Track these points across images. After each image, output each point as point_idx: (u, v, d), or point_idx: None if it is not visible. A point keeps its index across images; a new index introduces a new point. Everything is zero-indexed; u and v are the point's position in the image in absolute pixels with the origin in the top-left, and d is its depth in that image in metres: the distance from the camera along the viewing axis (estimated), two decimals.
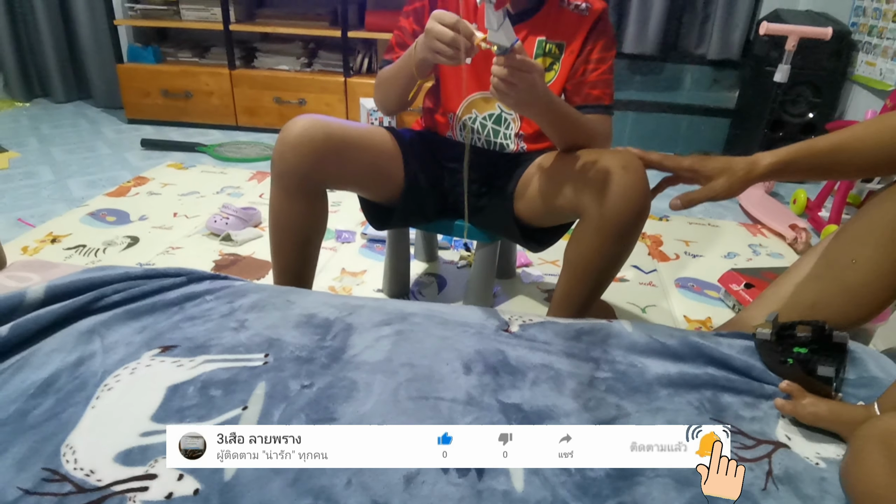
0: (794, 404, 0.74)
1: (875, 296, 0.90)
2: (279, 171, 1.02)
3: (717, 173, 0.90)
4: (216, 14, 2.57)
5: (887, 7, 2.20)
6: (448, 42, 0.83)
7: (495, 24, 0.77)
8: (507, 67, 0.81)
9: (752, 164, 0.89)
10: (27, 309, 0.78)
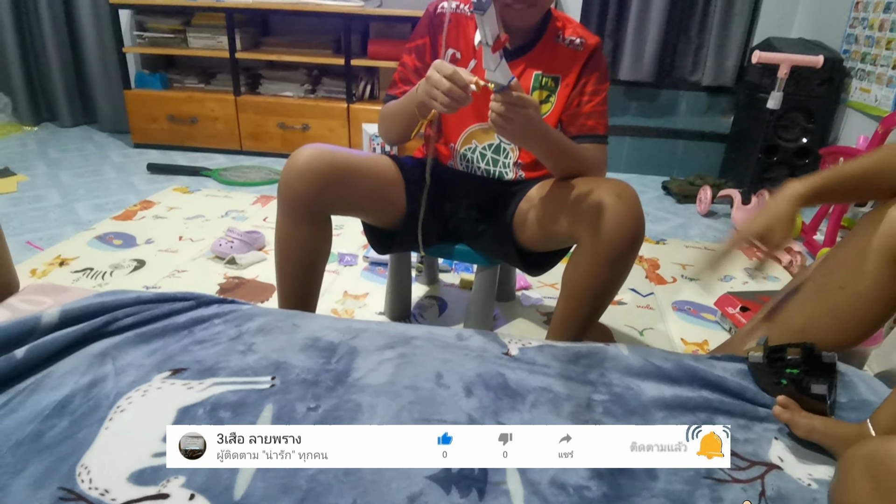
0: (791, 413, 0.77)
1: (863, 321, 0.93)
2: (285, 198, 1.05)
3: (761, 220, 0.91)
4: (223, 42, 2.63)
5: (880, 35, 2.25)
6: (444, 91, 0.87)
7: (492, 65, 0.81)
8: (503, 103, 0.85)
9: (785, 194, 0.91)
10: (42, 332, 0.80)
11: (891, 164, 0.90)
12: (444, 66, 0.88)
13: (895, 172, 0.89)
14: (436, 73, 0.88)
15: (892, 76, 2.17)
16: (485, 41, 0.79)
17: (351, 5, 2.57)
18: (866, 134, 2.17)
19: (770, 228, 0.89)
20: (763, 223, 0.90)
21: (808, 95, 2.40)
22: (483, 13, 0.76)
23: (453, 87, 0.86)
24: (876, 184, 0.91)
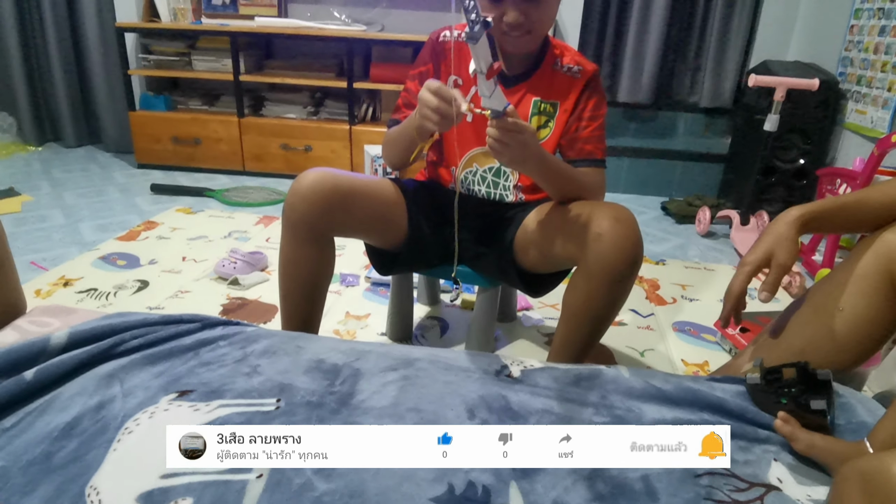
0: (792, 428, 0.78)
1: (861, 343, 0.94)
2: (290, 221, 1.07)
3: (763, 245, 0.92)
4: (227, 65, 2.68)
5: (875, 58, 2.29)
6: (433, 109, 0.89)
7: (487, 92, 0.84)
8: (499, 129, 0.87)
9: (784, 217, 0.92)
10: (51, 354, 0.81)
11: (883, 195, 0.92)
12: (431, 83, 0.91)
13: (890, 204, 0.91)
14: (425, 91, 0.91)
15: (887, 98, 2.21)
16: (479, 69, 0.82)
17: (353, 30, 2.62)
18: (863, 155, 2.20)
19: (773, 252, 0.90)
20: (765, 248, 0.91)
21: (805, 117, 2.43)
22: (476, 42, 0.79)
23: (440, 102, 0.89)
24: (871, 213, 0.93)
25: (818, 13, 2.69)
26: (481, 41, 0.78)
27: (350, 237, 1.17)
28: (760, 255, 0.91)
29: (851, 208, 0.94)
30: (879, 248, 0.91)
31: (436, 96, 0.89)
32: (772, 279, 0.90)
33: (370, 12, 2.83)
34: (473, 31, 0.77)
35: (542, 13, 1.01)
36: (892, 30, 2.19)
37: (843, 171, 2.02)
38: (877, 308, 0.91)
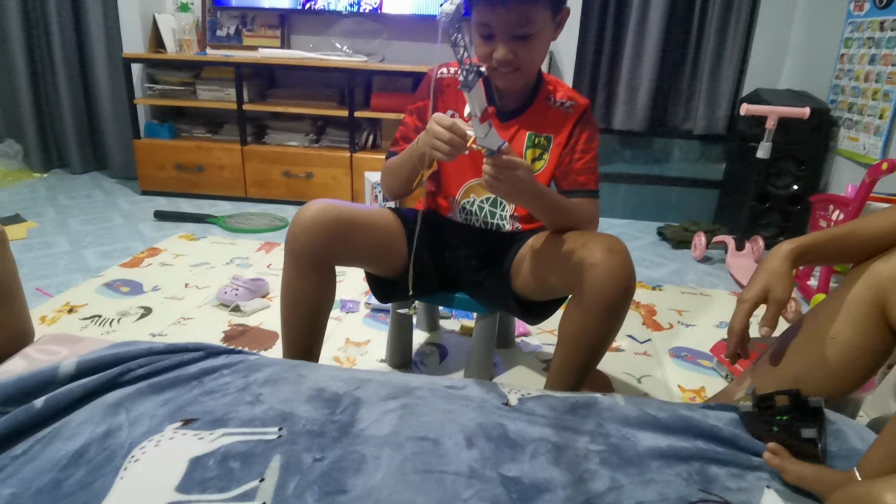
0: (781, 459, 0.80)
1: (854, 370, 0.96)
2: (292, 250, 1.10)
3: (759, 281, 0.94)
4: (230, 94, 2.73)
5: (865, 86, 2.35)
6: (445, 141, 0.94)
7: (482, 134, 0.89)
8: (494, 167, 0.92)
9: (776, 252, 0.95)
10: (60, 383, 0.83)
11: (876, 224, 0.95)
12: (444, 119, 0.95)
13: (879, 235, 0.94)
14: (436, 125, 0.95)
15: (879, 125, 2.25)
16: (474, 113, 0.87)
17: (355, 61, 2.69)
18: (856, 181, 2.24)
19: (769, 287, 0.92)
20: (761, 284, 0.93)
21: (798, 144, 2.47)
22: (469, 90, 0.84)
23: (453, 136, 0.94)
24: (861, 244, 0.95)
25: (809, 42, 2.76)
26: (475, 88, 0.83)
27: (351, 266, 1.20)
28: (757, 291, 0.93)
29: (841, 240, 0.97)
30: (870, 277, 0.93)
31: (449, 131, 0.93)
32: (770, 314, 0.92)
33: (371, 44, 2.90)
34: (468, 80, 0.82)
35: (531, 51, 1.04)
36: (882, 58, 2.24)
37: (835, 197, 2.06)
38: (868, 336, 0.94)
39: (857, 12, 2.41)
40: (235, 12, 2.93)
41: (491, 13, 0.99)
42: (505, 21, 0.99)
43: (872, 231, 0.95)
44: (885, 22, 2.23)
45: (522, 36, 1.01)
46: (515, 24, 1.00)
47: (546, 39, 1.07)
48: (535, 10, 1.00)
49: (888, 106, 2.20)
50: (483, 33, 1.03)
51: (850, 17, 2.44)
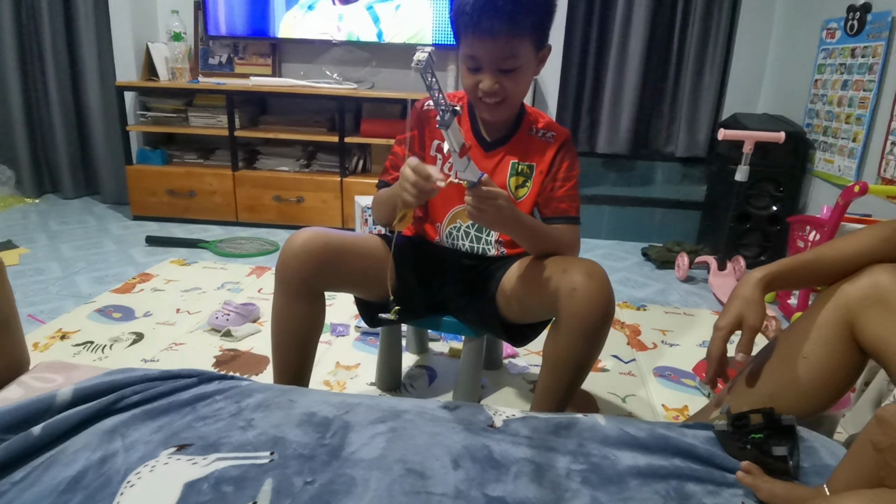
0: (753, 478, 0.83)
1: (826, 389, 1.00)
2: (282, 277, 1.14)
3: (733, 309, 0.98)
4: (222, 121, 2.78)
5: (839, 110, 2.43)
6: (411, 183, 0.97)
7: (462, 168, 0.94)
8: (475, 198, 0.97)
9: (748, 280, 0.99)
10: (57, 410, 0.86)
11: (840, 251, 1.00)
12: (411, 161, 0.99)
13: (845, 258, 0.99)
14: (405, 168, 0.99)
15: (853, 148, 2.33)
16: (452, 149, 0.92)
17: (345, 88, 2.75)
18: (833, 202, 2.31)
19: (741, 315, 0.97)
20: (735, 312, 0.97)
21: (776, 166, 2.55)
22: (447, 128, 0.89)
23: (418, 179, 0.97)
24: (829, 269, 1.00)
25: (784, 68, 2.86)
26: (452, 126, 0.89)
27: (340, 291, 1.24)
28: (731, 319, 0.97)
29: (808, 267, 1.02)
30: (839, 299, 0.98)
31: (414, 173, 0.97)
32: (745, 341, 0.97)
33: (361, 71, 2.97)
34: (444, 119, 0.88)
35: (515, 83, 1.09)
36: (854, 84, 2.33)
37: (812, 218, 2.12)
38: (838, 356, 0.98)
39: (830, 39, 2.50)
40: (227, 41, 2.99)
41: (479, 46, 1.04)
42: (491, 54, 1.05)
43: (837, 257, 0.99)
44: (856, 49, 2.33)
45: (508, 69, 1.07)
46: (501, 57, 1.05)
47: (529, 74, 1.12)
48: (520, 45, 1.05)
49: (861, 129, 2.28)
50: (470, 66, 1.08)
51: (823, 45, 2.54)
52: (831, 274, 1.01)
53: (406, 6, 2.75)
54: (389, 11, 2.78)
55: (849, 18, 2.35)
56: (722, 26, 2.86)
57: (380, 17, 2.79)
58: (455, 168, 0.95)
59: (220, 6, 2.85)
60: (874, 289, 0.93)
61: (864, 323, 0.93)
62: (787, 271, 1.00)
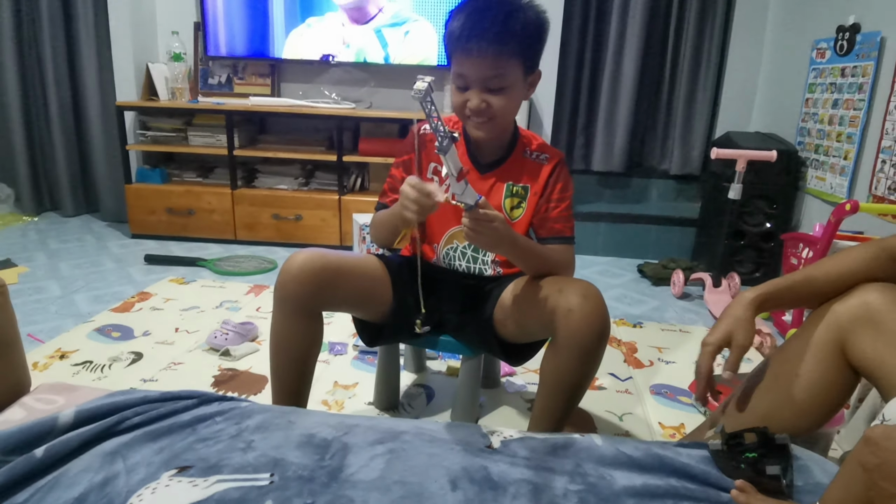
0: (747, 497, 0.84)
1: (819, 407, 1.01)
2: (281, 298, 1.15)
3: (722, 327, 1.00)
4: (221, 140, 2.81)
5: (830, 128, 2.47)
6: (413, 200, 1.00)
7: (459, 191, 0.97)
8: (472, 220, 0.99)
9: (740, 300, 1.01)
10: (59, 432, 0.87)
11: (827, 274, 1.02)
12: (411, 179, 1.02)
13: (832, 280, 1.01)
14: (406, 186, 1.02)
15: (844, 166, 2.37)
16: (450, 173, 0.95)
17: (343, 108, 2.78)
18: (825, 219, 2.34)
19: (730, 333, 0.98)
20: (724, 329, 0.99)
21: (769, 184, 2.58)
22: (445, 154, 0.92)
23: (419, 195, 1.00)
24: (819, 290, 1.02)
25: (775, 87, 2.90)
26: (450, 152, 0.92)
27: (338, 311, 1.25)
28: (720, 335, 0.99)
29: (800, 287, 1.03)
30: (830, 319, 1.00)
31: (415, 190, 1.00)
32: (732, 359, 0.98)
33: (359, 91, 3.01)
34: (443, 145, 0.91)
35: (502, 102, 1.12)
36: (844, 103, 2.37)
37: (804, 236, 2.15)
38: (830, 374, 0.99)
39: (820, 59, 2.55)
40: (227, 61, 3.03)
41: (467, 65, 1.08)
42: (478, 73, 1.08)
43: (827, 277, 1.01)
44: (845, 68, 2.37)
45: (494, 88, 1.10)
46: (488, 76, 1.08)
47: (518, 95, 1.15)
48: (507, 65, 1.09)
49: (851, 148, 2.32)
50: (459, 84, 1.12)
51: (813, 64, 2.59)
52: (822, 294, 1.03)
53: (415, 32, 2.82)
54: (398, 36, 2.84)
55: (838, 38, 2.40)
56: (714, 46, 2.91)
57: (388, 42, 2.84)
58: (453, 191, 0.97)
59: (219, 27, 2.90)
60: (864, 308, 0.95)
61: (854, 342, 0.95)
62: (778, 292, 1.02)
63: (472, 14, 1.07)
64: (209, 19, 2.88)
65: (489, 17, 1.05)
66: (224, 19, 2.89)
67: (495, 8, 1.07)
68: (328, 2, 2.82)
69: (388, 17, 2.82)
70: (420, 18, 2.81)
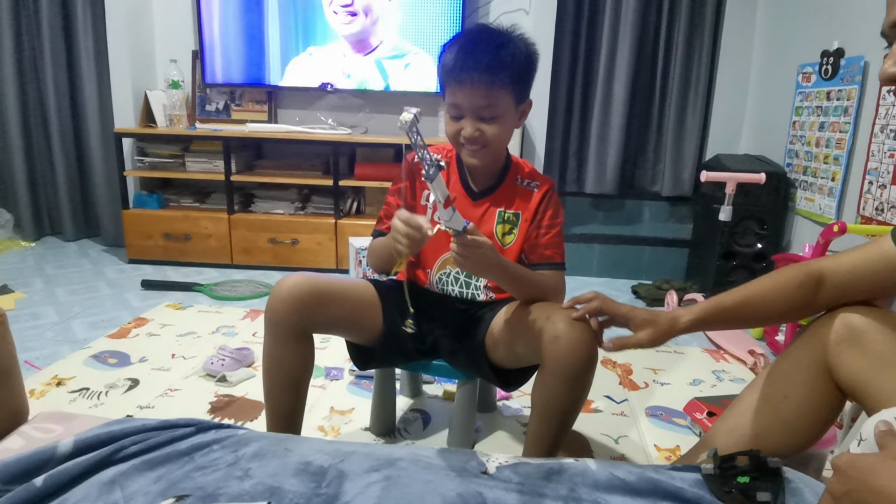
0: None
1: (808, 427, 1.03)
2: (271, 321, 1.18)
3: (645, 325, 1.05)
4: (219, 166, 2.84)
5: (817, 150, 2.52)
6: (403, 235, 1.04)
7: (447, 217, 1.01)
8: (460, 246, 1.02)
9: (673, 320, 1.04)
10: (58, 461, 0.88)
11: (762, 298, 1.04)
12: (401, 213, 1.06)
13: (767, 305, 1.03)
14: (396, 220, 1.06)
15: (832, 187, 2.41)
16: (438, 200, 0.99)
17: (339, 134, 2.82)
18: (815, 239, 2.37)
19: (654, 342, 1.04)
20: (649, 339, 1.04)
21: (759, 205, 2.61)
22: (432, 181, 0.97)
23: (409, 230, 1.03)
24: (750, 314, 1.04)
25: (763, 111, 2.96)
26: (437, 180, 0.96)
27: (328, 334, 1.27)
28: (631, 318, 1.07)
29: (731, 312, 1.05)
30: (815, 340, 1.02)
31: (405, 225, 1.03)
32: (625, 341, 1.06)
33: (355, 116, 3.05)
34: (429, 173, 0.94)
35: (495, 130, 1.16)
36: (830, 125, 2.42)
37: (795, 257, 2.18)
38: (817, 395, 1.01)
39: (805, 83, 2.61)
40: (224, 89, 3.07)
41: (461, 95, 1.13)
42: (472, 102, 1.13)
43: (758, 302, 1.04)
44: (830, 92, 2.43)
45: (487, 117, 1.15)
46: (481, 105, 1.13)
47: (509, 123, 1.19)
48: (500, 95, 1.13)
49: (839, 169, 2.36)
50: (453, 113, 1.17)
51: (800, 88, 2.64)
52: (752, 318, 1.07)
53: (415, 64, 2.89)
54: (399, 68, 2.90)
55: (823, 63, 2.46)
56: (702, 70, 2.98)
57: (389, 73, 2.91)
58: (441, 218, 1.01)
59: (216, 56, 2.95)
60: (848, 330, 0.97)
61: (840, 363, 0.97)
62: (709, 317, 1.05)
63: (465, 47, 1.12)
64: (207, 48, 2.93)
65: (481, 49, 1.11)
66: (221, 48, 2.94)
67: (487, 41, 1.12)
68: (331, 31, 2.88)
69: (388, 49, 2.88)
70: (420, 51, 2.88)
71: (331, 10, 2.85)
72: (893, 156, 2.06)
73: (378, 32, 2.87)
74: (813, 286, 1.01)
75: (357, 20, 2.84)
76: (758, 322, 1.05)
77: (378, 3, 2.83)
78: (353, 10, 2.83)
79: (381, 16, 2.85)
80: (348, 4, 2.83)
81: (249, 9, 2.88)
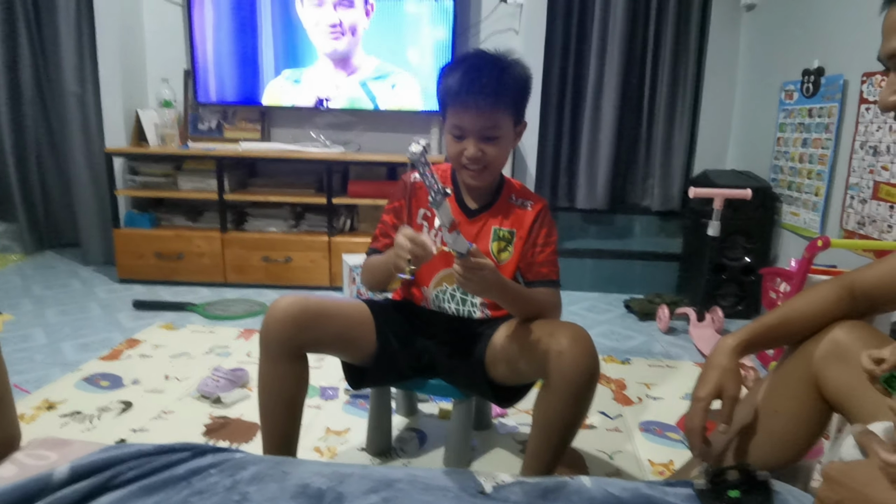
0: None
1: (797, 441, 1.05)
2: (265, 341, 1.19)
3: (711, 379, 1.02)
4: (212, 185, 2.84)
5: (801, 166, 2.57)
6: (409, 251, 1.06)
7: (451, 240, 1.03)
8: (463, 268, 1.04)
9: (722, 349, 1.04)
10: (55, 488, 0.87)
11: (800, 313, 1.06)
12: (407, 230, 1.08)
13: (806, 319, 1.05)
14: (400, 236, 1.08)
15: (815, 202, 2.45)
16: (443, 225, 1.01)
17: (332, 152, 2.84)
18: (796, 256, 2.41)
19: (720, 385, 1.00)
20: (714, 382, 1.00)
21: (746, 219, 2.66)
22: (438, 208, 0.99)
23: (414, 247, 1.05)
24: (795, 330, 1.06)
25: (748, 127, 3.02)
26: (443, 206, 0.98)
27: (321, 353, 1.28)
28: (711, 389, 1.00)
29: (777, 330, 1.06)
30: (803, 357, 1.04)
31: (411, 242, 1.05)
32: (726, 412, 1.00)
33: (348, 134, 3.08)
34: (436, 200, 0.97)
35: (497, 150, 1.21)
36: (813, 142, 2.48)
37: (781, 271, 2.21)
38: (806, 409, 1.03)
39: (788, 100, 2.67)
40: (217, 108, 3.09)
41: (465, 117, 1.17)
42: (476, 124, 1.17)
43: (799, 320, 1.05)
44: (812, 109, 2.48)
45: (490, 137, 1.19)
46: (485, 127, 1.18)
47: (508, 143, 1.24)
48: (501, 117, 1.18)
49: (822, 184, 2.41)
50: (456, 134, 1.20)
51: (783, 105, 2.70)
52: (798, 333, 1.08)
53: (401, 84, 2.93)
54: (385, 88, 2.95)
55: (804, 81, 2.52)
56: (688, 88, 3.04)
57: (375, 95, 2.95)
58: (445, 240, 1.03)
59: (209, 75, 2.97)
60: (834, 345, 1.00)
61: (827, 377, 0.99)
62: (757, 337, 1.06)
63: (469, 72, 1.17)
64: (199, 67, 2.95)
65: (486, 74, 1.15)
66: (214, 67, 2.96)
67: (490, 66, 1.17)
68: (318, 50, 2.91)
69: (371, 71, 2.92)
70: (403, 72, 2.92)
71: (317, 30, 2.88)
72: (873, 171, 2.11)
73: (360, 53, 2.91)
74: (849, 299, 1.03)
75: (343, 39, 2.88)
76: (800, 337, 1.06)
77: (362, 23, 2.87)
78: (341, 30, 2.87)
79: (363, 36, 2.89)
80: (336, 24, 2.86)
81: (242, 27, 2.91)
